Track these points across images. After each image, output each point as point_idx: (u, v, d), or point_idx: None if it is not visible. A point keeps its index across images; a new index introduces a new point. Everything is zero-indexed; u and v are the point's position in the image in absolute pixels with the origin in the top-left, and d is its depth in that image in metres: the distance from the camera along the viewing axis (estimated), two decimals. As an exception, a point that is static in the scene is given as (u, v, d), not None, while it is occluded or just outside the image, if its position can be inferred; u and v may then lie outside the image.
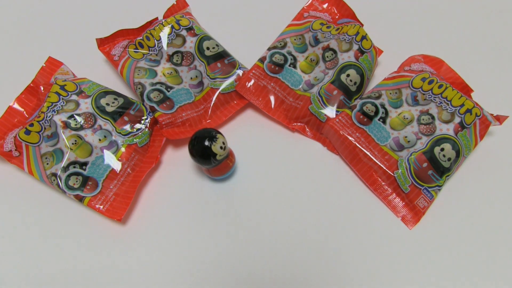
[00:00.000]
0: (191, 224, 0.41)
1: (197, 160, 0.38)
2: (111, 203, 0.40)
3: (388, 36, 0.54)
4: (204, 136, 0.38)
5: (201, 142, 0.37)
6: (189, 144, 0.38)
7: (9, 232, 0.40)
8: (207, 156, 0.38)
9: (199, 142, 0.38)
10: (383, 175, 0.42)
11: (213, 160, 0.38)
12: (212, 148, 0.37)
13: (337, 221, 0.41)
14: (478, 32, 0.55)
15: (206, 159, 0.38)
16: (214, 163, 0.39)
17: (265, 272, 0.39)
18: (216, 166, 0.40)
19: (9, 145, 0.42)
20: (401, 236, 0.41)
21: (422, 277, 0.39)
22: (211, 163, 0.39)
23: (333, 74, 0.46)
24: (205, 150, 0.37)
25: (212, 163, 0.38)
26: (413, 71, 0.46)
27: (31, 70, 0.48)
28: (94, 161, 0.41)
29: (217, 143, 0.38)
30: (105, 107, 0.43)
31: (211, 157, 0.38)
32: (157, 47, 0.47)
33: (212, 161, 0.38)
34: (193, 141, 0.38)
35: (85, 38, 0.53)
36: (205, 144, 0.37)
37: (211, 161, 0.38)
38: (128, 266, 0.39)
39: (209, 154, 0.37)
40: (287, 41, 0.49)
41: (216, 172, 0.41)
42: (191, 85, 0.47)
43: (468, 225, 0.41)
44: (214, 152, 0.38)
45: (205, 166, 0.39)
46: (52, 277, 0.38)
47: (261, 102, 0.47)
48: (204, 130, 0.39)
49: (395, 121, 0.44)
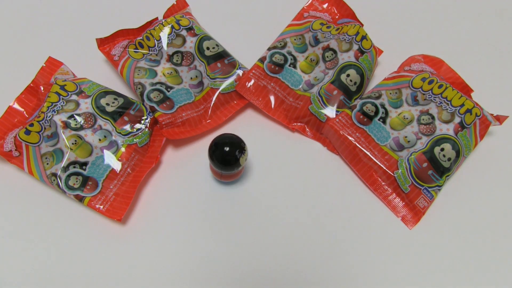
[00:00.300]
0: (191, 224, 0.41)
1: (219, 166, 0.38)
2: (111, 203, 0.40)
3: (388, 36, 0.54)
4: (235, 147, 0.38)
5: (232, 152, 0.37)
6: (214, 149, 0.38)
7: (9, 232, 0.40)
8: (231, 164, 0.38)
9: (230, 151, 0.37)
10: (383, 175, 0.42)
11: (235, 168, 0.38)
12: (240, 160, 0.38)
13: (337, 221, 0.41)
14: (478, 32, 0.55)
15: (228, 166, 0.38)
16: (234, 171, 0.39)
17: (265, 272, 0.39)
18: (230, 174, 0.40)
19: (9, 145, 0.42)
20: (401, 236, 0.41)
21: (422, 277, 0.39)
22: (231, 171, 0.39)
23: (333, 74, 0.46)
24: (233, 160, 0.38)
25: (233, 171, 0.39)
26: (413, 71, 0.46)
27: (31, 70, 0.48)
28: (94, 161, 0.41)
29: (245, 155, 0.38)
30: (105, 107, 0.43)
31: (236, 167, 0.38)
32: (157, 47, 0.47)
33: (234, 170, 0.39)
34: (220, 147, 0.38)
35: (85, 38, 0.53)
36: (235, 154, 0.37)
37: (234, 170, 0.39)
38: (128, 266, 0.39)
39: (235, 164, 0.38)
40: (287, 41, 0.49)
41: (229, 178, 0.41)
42: (191, 85, 0.47)
43: (468, 225, 0.41)
44: (240, 163, 0.38)
45: (222, 172, 0.39)
46: (52, 277, 0.38)
47: (261, 102, 0.47)
48: (232, 138, 0.38)
49: (395, 121, 0.44)
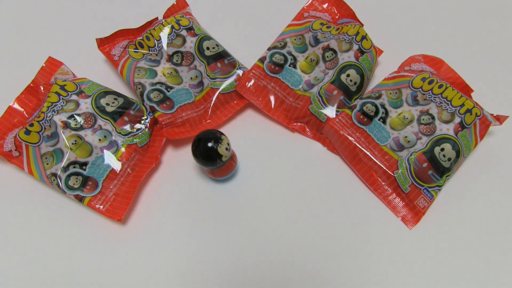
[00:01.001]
0: (191, 224, 0.41)
1: (201, 162, 0.38)
2: (111, 203, 0.40)
3: (388, 36, 0.54)
4: (209, 138, 0.37)
5: (206, 144, 0.37)
6: (192, 146, 0.38)
7: (9, 232, 0.40)
8: (212, 158, 0.37)
9: (204, 144, 0.37)
10: (383, 175, 0.42)
11: (218, 161, 0.38)
12: (218, 149, 0.37)
13: (337, 221, 0.41)
14: (478, 32, 0.55)
15: (211, 161, 0.38)
16: (219, 164, 0.39)
17: (265, 271, 0.39)
18: (220, 168, 0.40)
19: (9, 145, 0.42)
20: (401, 236, 0.41)
21: (422, 277, 0.39)
22: (216, 165, 0.38)
23: (333, 74, 0.46)
24: (211, 152, 0.37)
25: (218, 164, 0.38)
26: (413, 71, 0.46)
27: (31, 70, 0.48)
28: (94, 161, 0.41)
29: (223, 145, 0.38)
30: (105, 107, 0.43)
31: (217, 158, 0.38)
32: (157, 47, 0.47)
33: (217, 163, 0.38)
34: (197, 142, 0.38)
35: (85, 38, 0.53)
36: (210, 146, 0.37)
37: (217, 163, 0.38)
38: (128, 266, 0.39)
39: (215, 156, 0.37)
40: (287, 41, 0.49)
41: (220, 173, 0.41)
42: (191, 85, 0.47)
43: (468, 225, 0.41)
44: (220, 153, 0.37)
45: (210, 168, 0.39)
46: (52, 277, 0.38)
47: (261, 102, 0.47)
48: (208, 131, 0.38)
49: (395, 121, 0.44)
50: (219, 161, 0.38)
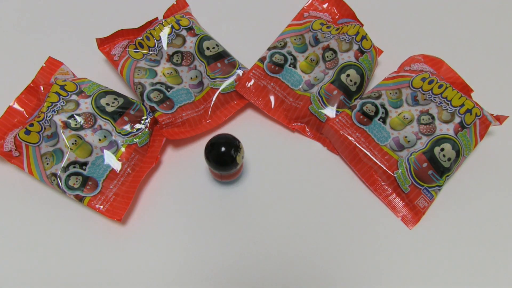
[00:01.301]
0: (191, 224, 0.41)
1: (216, 167, 0.38)
2: (111, 203, 0.40)
3: (388, 36, 0.54)
4: (230, 146, 0.37)
5: (228, 151, 0.37)
6: (209, 151, 0.38)
7: (9, 232, 0.40)
8: (228, 164, 0.38)
9: (226, 151, 0.37)
10: (383, 175, 0.42)
11: (234, 168, 0.38)
12: (236, 158, 0.37)
13: (337, 221, 0.41)
14: (478, 32, 0.55)
15: (226, 167, 0.38)
16: (232, 170, 0.39)
17: (265, 271, 0.39)
18: (231, 174, 0.40)
19: (9, 145, 0.42)
20: (401, 236, 0.41)
21: (422, 277, 0.39)
22: (230, 171, 0.39)
23: (333, 74, 0.46)
24: (229, 159, 0.37)
25: (231, 170, 0.39)
26: (413, 71, 0.46)
27: (31, 70, 0.48)
28: (94, 161, 0.41)
29: (241, 153, 0.38)
30: (105, 107, 0.43)
31: (233, 166, 0.38)
32: (157, 47, 0.47)
33: (232, 169, 0.38)
34: (216, 148, 0.37)
35: (85, 38, 0.53)
36: (231, 153, 0.37)
37: (232, 169, 0.38)
38: (128, 266, 0.39)
39: (232, 163, 0.38)
40: (287, 41, 0.49)
41: (228, 177, 0.41)
42: (191, 85, 0.47)
43: (468, 225, 0.41)
44: (237, 162, 0.38)
45: (222, 173, 0.39)
46: (52, 277, 0.38)
47: (261, 102, 0.47)
48: (226, 137, 0.38)
49: (395, 121, 0.44)
50: (234, 168, 0.38)
